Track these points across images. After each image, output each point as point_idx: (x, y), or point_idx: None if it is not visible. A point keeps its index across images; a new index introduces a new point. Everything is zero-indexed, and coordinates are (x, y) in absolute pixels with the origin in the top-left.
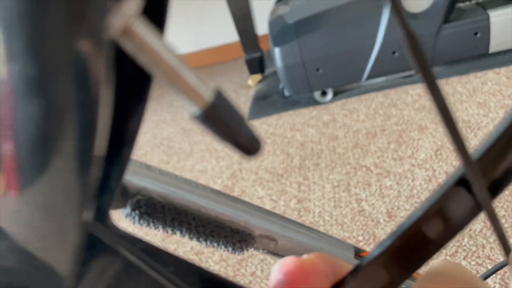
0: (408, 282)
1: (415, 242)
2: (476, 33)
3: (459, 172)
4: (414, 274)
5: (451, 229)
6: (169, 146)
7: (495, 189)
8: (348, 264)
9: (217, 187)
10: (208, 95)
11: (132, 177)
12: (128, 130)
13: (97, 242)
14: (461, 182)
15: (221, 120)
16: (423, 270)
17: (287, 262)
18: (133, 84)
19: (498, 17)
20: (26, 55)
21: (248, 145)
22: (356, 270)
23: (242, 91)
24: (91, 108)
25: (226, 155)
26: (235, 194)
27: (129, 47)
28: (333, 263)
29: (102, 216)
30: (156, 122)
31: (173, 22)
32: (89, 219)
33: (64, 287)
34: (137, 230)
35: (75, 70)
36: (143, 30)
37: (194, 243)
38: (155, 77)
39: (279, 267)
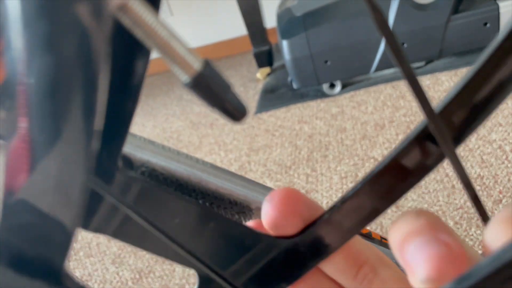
0: (387, 251)
1: (385, 182)
2: (485, 24)
3: (424, 124)
4: (384, 241)
5: (417, 172)
6: (179, 139)
7: (458, 138)
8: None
9: None
10: (197, 64)
11: (136, 151)
12: (129, 100)
13: (103, 198)
14: (427, 134)
15: (209, 87)
16: None
17: (278, 189)
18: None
19: (508, 7)
20: (39, 18)
21: (234, 111)
22: (332, 209)
23: (250, 84)
24: (93, 71)
25: (234, 147)
26: None
27: (126, 22)
28: (314, 204)
29: (109, 176)
30: (165, 116)
31: (182, 16)
32: (94, 179)
33: (72, 235)
34: None
35: (79, 34)
36: (138, 6)
37: None
38: (150, 48)
39: (272, 192)
